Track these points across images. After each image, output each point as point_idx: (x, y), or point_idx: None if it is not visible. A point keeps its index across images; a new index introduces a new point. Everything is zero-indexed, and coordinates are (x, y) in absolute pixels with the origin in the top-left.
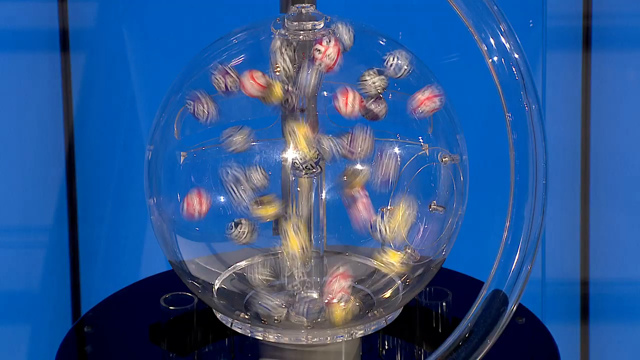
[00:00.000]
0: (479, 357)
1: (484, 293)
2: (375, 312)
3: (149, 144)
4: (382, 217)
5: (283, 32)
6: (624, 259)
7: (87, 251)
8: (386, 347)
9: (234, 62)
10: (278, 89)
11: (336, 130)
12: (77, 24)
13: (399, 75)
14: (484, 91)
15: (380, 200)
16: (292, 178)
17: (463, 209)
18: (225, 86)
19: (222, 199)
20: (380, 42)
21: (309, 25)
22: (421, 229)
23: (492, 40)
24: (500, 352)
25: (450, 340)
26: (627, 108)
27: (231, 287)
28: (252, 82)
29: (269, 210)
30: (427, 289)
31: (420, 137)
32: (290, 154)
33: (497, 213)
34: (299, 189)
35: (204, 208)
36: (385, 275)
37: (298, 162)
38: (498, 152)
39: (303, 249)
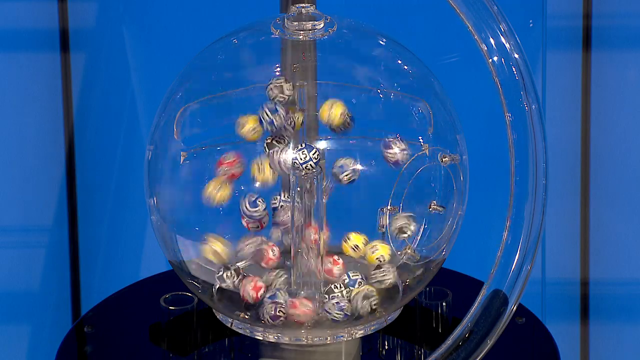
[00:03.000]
0: (479, 357)
1: (484, 293)
2: (376, 312)
3: (149, 144)
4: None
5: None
6: (624, 259)
7: (87, 251)
8: (386, 347)
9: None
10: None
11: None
12: (77, 24)
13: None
14: (484, 91)
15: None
16: (292, 178)
17: (463, 209)
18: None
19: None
20: (380, 42)
21: (309, 25)
22: (421, 229)
23: (492, 40)
24: (500, 352)
25: (450, 340)
26: (627, 108)
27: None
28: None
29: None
30: (427, 289)
31: (420, 137)
32: (290, 154)
33: (497, 213)
34: (299, 188)
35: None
36: (385, 274)
37: (298, 162)
38: (498, 152)
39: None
